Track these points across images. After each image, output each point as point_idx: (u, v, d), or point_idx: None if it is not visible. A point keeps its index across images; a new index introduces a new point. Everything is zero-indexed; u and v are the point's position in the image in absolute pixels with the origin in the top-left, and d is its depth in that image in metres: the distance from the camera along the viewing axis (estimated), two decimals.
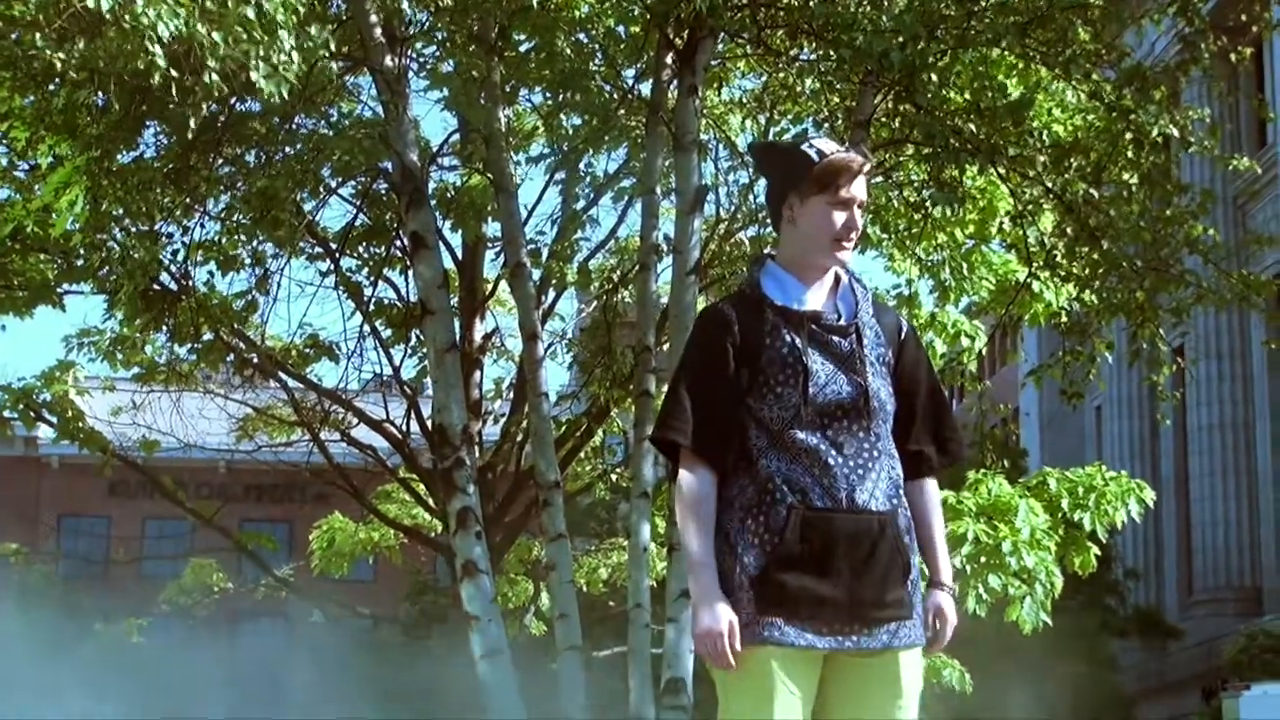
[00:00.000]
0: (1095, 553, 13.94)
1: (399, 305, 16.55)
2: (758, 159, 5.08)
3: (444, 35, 13.08)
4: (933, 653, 4.74)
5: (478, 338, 17.65)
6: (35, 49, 8.30)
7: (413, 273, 13.30)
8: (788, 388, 4.57)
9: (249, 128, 12.64)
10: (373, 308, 16.36)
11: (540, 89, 13.68)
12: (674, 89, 12.43)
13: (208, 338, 15.07)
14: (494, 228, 16.44)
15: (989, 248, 14.12)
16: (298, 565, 22.81)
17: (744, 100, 15.32)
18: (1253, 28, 12.75)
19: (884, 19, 10.83)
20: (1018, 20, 10.94)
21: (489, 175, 13.60)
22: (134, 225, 12.39)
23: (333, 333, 19.62)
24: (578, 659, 12.01)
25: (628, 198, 15.87)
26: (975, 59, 11.29)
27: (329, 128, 13.40)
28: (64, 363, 17.80)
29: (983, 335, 14.69)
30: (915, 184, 13.30)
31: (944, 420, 4.81)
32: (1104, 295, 12.81)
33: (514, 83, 13.35)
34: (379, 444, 18.56)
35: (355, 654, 23.20)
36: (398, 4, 12.14)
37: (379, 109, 13.09)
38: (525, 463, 16.96)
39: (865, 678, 4.58)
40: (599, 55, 13.07)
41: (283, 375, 17.46)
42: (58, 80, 9.84)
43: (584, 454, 19.31)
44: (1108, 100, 11.35)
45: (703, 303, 12.72)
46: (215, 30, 7.77)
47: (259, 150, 13.04)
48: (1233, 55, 12.13)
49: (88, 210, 11.59)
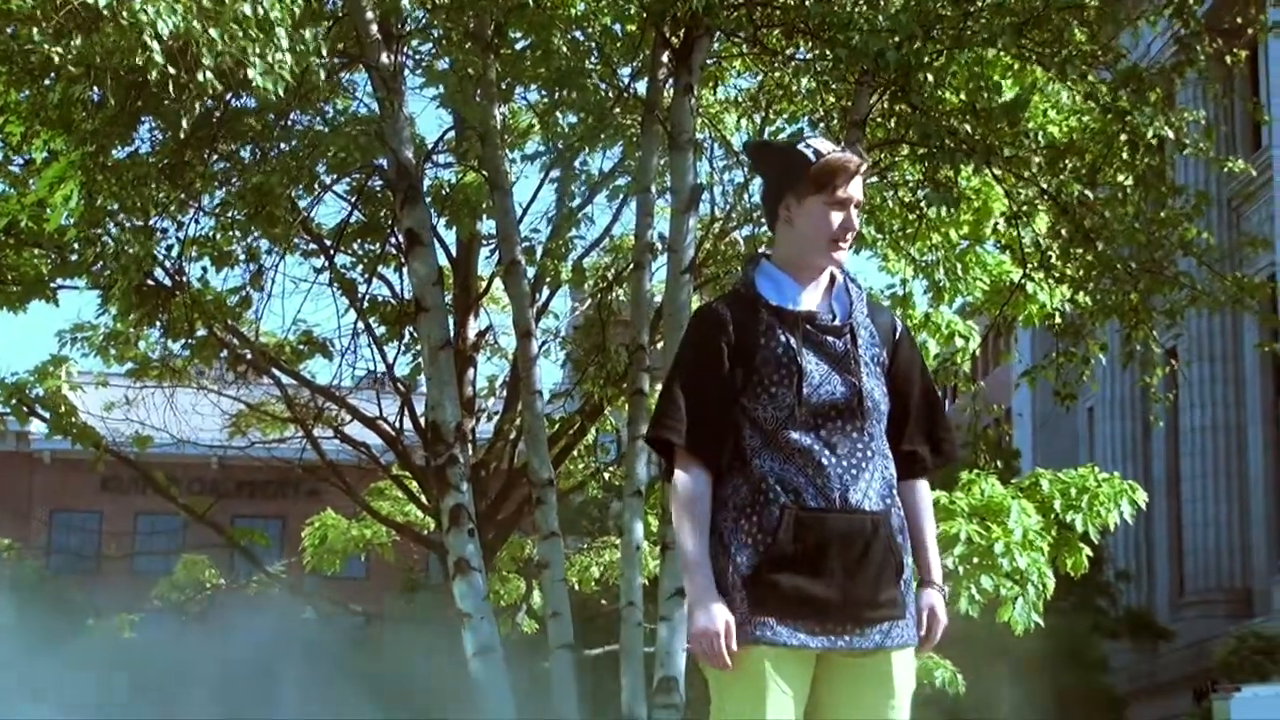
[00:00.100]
0: (1087, 554, 13.94)
1: (393, 302, 16.55)
2: (753, 158, 5.06)
3: (440, 32, 13.07)
4: (923, 652, 4.74)
5: (471, 335, 17.65)
6: (32, 43, 8.29)
7: (407, 270, 13.30)
8: (782, 388, 4.57)
9: (244, 124, 12.62)
10: (367, 305, 16.36)
11: (536, 87, 13.67)
12: (669, 88, 12.43)
13: (201, 333, 15.07)
14: (488, 225, 16.45)
15: (983, 248, 14.11)
16: (290, 562, 22.79)
17: (739, 99, 15.31)
18: (1248, 30, 12.74)
19: (880, 19, 10.82)
20: (1014, 20, 10.93)
21: (484, 172, 13.59)
22: (129, 220, 12.37)
23: (327, 329, 19.71)
24: (570, 657, 12.01)
25: (622, 196, 15.88)
26: (971, 59, 11.28)
27: (324, 124, 13.39)
28: (57, 358, 17.80)
29: (976, 336, 14.68)
30: (910, 184, 13.30)
31: (937, 421, 4.81)
32: (1098, 297, 12.81)
33: (510, 80, 13.36)
34: (372, 441, 18.56)
35: (347, 651, 23.16)
36: (394, 1, 12.12)
37: (374, 106, 13.09)
38: (518, 460, 16.96)
39: (858, 678, 4.58)
40: (595, 53, 13.05)
41: (276, 371, 17.48)
42: (54, 75, 9.82)
43: (577, 452, 19.32)
44: (1103, 101, 11.35)
45: (697, 302, 12.72)
46: (212, 27, 7.76)
47: (254, 146, 13.02)
48: (1228, 57, 12.12)
49: (82, 205, 11.57)
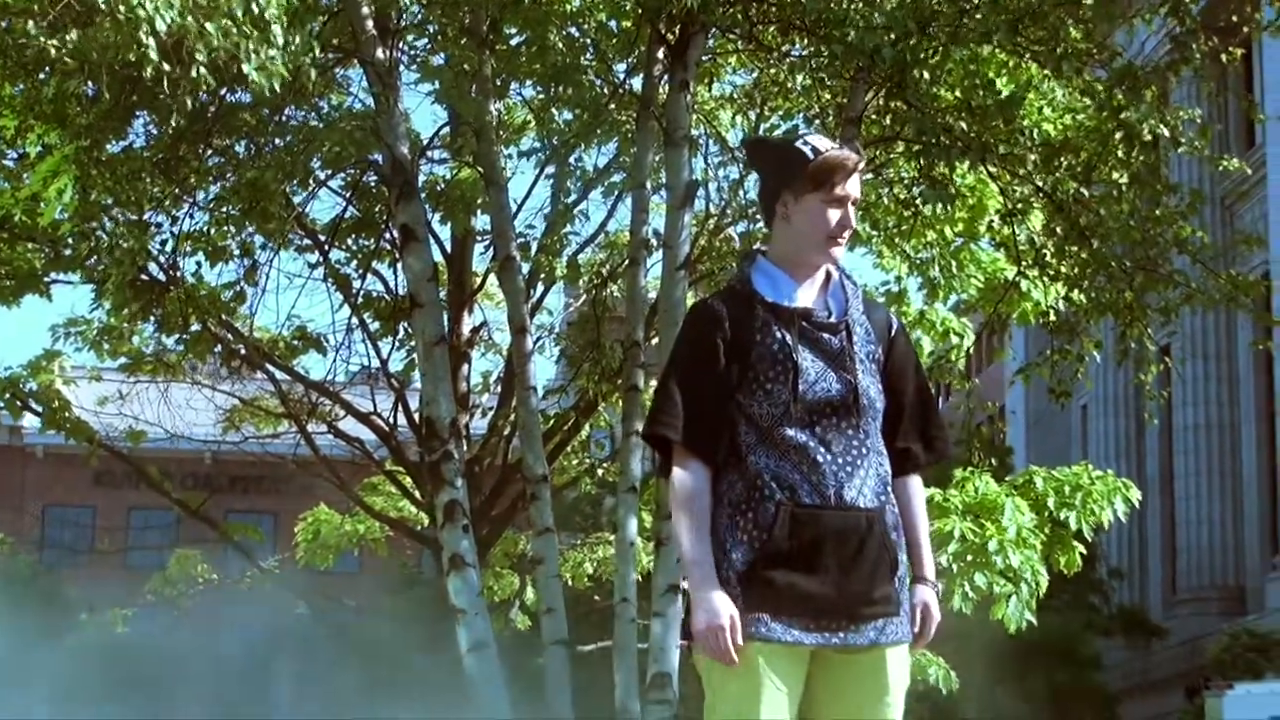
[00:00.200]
0: (1080, 551, 13.95)
1: (387, 298, 16.54)
2: (750, 155, 5.06)
3: (435, 28, 13.07)
4: (917, 649, 4.74)
5: (466, 331, 17.66)
6: (27, 37, 8.27)
7: (402, 265, 13.29)
8: (777, 384, 4.56)
9: (239, 119, 12.61)
10: (361, 300, 16.35)
11: (531, 83, 13.67)
12: (665, 84, 12.43)
13: (195, 328, 15.04)
14: (483, 221, 16.46)
15: (978, 246, 14.11)
16: (283, 557, 22.78)
17: (734, 96, 15.32)
18: (1243, 28, 12.73)
19: (876, 15, 10.81)
20: (1009, 17, 10.93)
21: (479, 168, 13.59)
22: (123, 215, 12.36)
23: (321, 325, 19.69)
24: (564, 653, 12.01)
25: (618, 192, 15.87)
26: (966, 56, 11.28)
27: (319, 120, 13.38)
28: (50, 352, 17.80)
29: (971, 333, 14.67)
30: (905, 181, 13.30)
31: (931, 418, 4.81)
32: (1093, 294, 12.80)
33: (505, 76, 13.35)
34: (366, 436, 18.55)
35: (340, 646, 23.15)
36: None
37: (369, 101, 13.08)
38: (512, 456, 16.97)
39: (852, 674, 4.57)
40: (590, 50, 13.05)
41: (270, 367, 17.46)
42: (48, 69, 9.80)
43: (570, 448, 19.33)
44: (1099, 98, 11.34)
45: (692, 298, 12.71)
46: (208, 22, 7.75)
47: (249, 141, 13.02)
48: (1223, 56, 12.11)
49: (76, 199, 11.55)
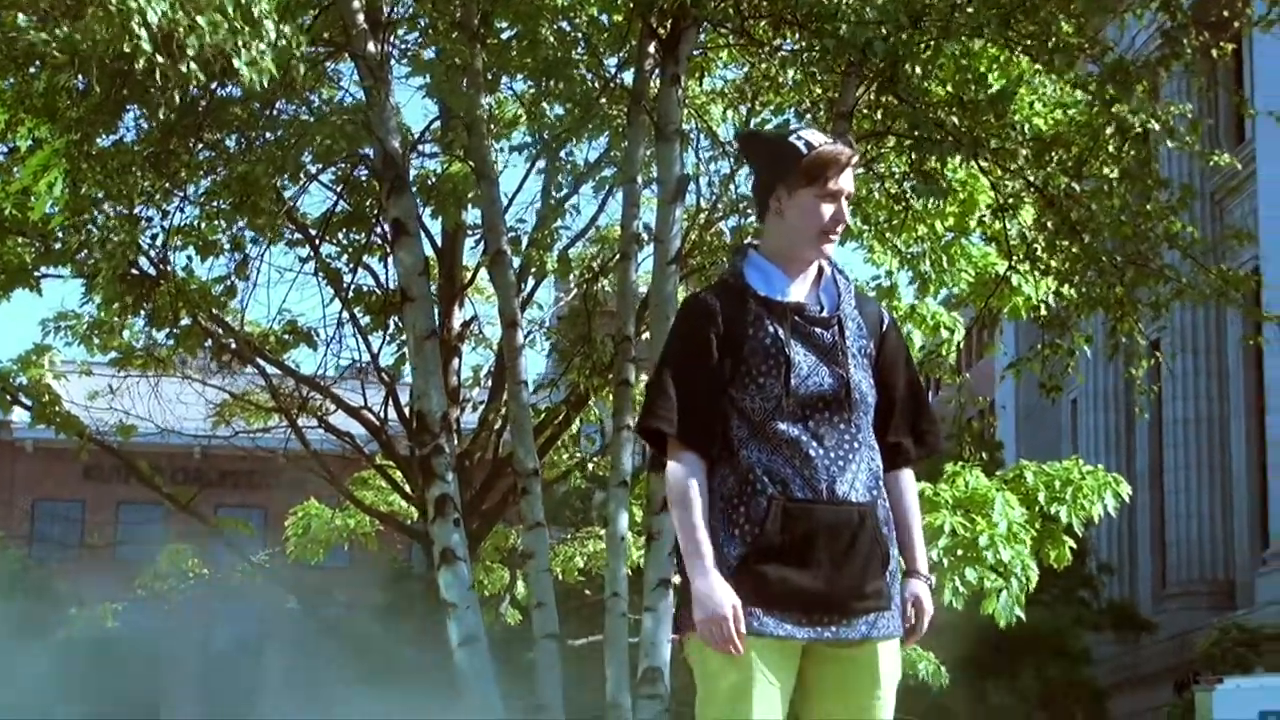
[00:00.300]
0: (1070, 546, 13.97)
1: (378, 292, 16.53)
2: (744, 149, 5.05)
3: (426, 22, 13.05)
4: (910, 643, 4.73)
5: (456, 325, 17.65)
6: (17, 30, 8.25)
7: (393, 259, 13.28)
8: (770, 378, 4.56)
9: (229, 113, 12.59)
10: (352, 294, 16.33)
11: (522, 77, 13.66)
12: (656, 78, 12.41)
13: (186, 322, 15.03)
14: (474, 215, 16.43)
15: (969, 240, 14.11)
16: (273, 552, 22.77)
17: (725, 91, 15.31)
18: (1234, 23, 12.73)
19: (868, 10, 10.81)
20: (1000, 11, 10.93)
21: (470, 162, 13.57)
22: (113, 209, 12.34)
23: (311, 319, 19.65)
24: (555, 647, 12.00)
25: (609, 187, 15.86)
26: (958, 50, 11.27)
27: (310, 114, 13.36)
28: (40, 346, 17.78)
29: (961, 328, 14.68)
30: (896, 176, 13.30)
31: (922, 412, 4.81)
32: (1083, 289, 12.80)
33: (496, 70, 13.33)
34: (356, 431, 18.54)
35: (330, 640, 23.16)
36: None
37: (360, 95, 13.06)
38: (503, 450, 16.96)
39: (844, 669, 4.58)
40: (582, 44, 13.04)
41: (261, 361, 17.45)
42: (39, 63, 9.78)
43: (561, 442, 19.32)
44: (1090, 91, 11.33)
45: (683, 292, 12.71)
46: (199, 16, 7.73)
47: (239, 135, 13.00)
48: (1214, 51, 12.11)
49: (67, 193, 11.53)
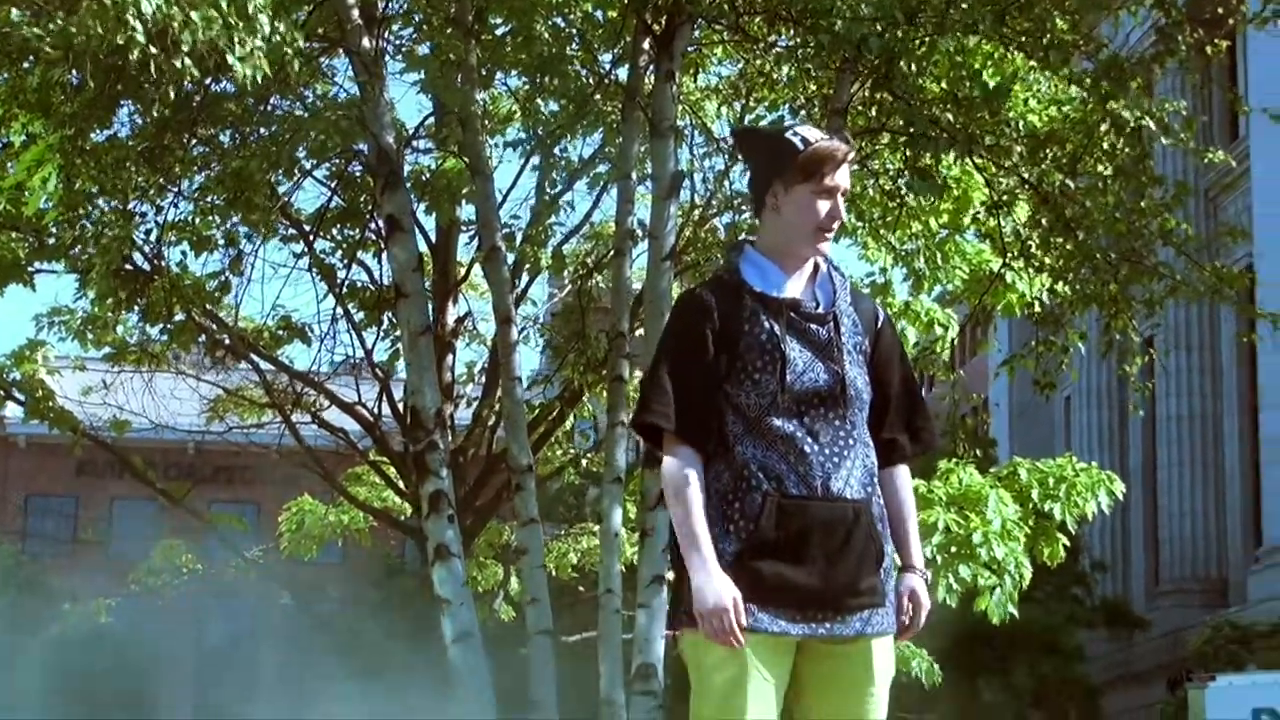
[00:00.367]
0: (1064, 543, 13.98)
1: (372, 288, 16.52)
2: (741, 145, 5.05)
3: (421, 17, 13.04)
4: (907, 637, 4.74)
5: (450, 321, 17.64)
6: (10, 25, 8.23)
7: (387, 255, 13.27)
8: (765, 374, 4.56)
9: (224, 108, 12.58)
10: (346, 290, 16.33)
11: (517, 73, 13.65)
12: (651, 74, 12.41)
13: (180, 318, 15.01)
14: (468, 211, 16.43)
15: (963, 238, 14.11)
16: (267, 547, 22.78)
17: (720, 87, 15.30)
18: (1229, 20, 12.72)
19: (863, 6, 10.80)
20: (995, 7, 10.92)
21: (464, 158, 13.56)
22: (107, 204, 12.33)
23: (305, 315, 19.66)
24: (549, 643, 11.99)
25: (603, 183, 15.86)
26: (954, 47, 11.26)
27: (304, 109, 13.35)
28: (34, 342, 17.75)
29: (955, 325, 14.68)
30: (890, 173, 13.29)
31: (917, 409, 4.82)
32: (1078, 286, 12.80)
33: (490, 66, 13.32)
34: (350, 427, 18.54)
35: (324, 636, 23.17)
36: None
37: (354, 90, 13.05)
38: (497, 446, 16.96)
39: (838, 665, 4.59)
40: (576, 40, 13.03)
41: (255, 357, 17.44)
42: (33, 58, 9.76)
43: (555, 438, 19.32)
44: (1086, 86, 11.32)
45: (677, 289, 12.71)
46: (194, 10, 7.72)
47: (234, 131, 12.99)
48: (1208, 48, 12.10)
49: (61, 188, 11.53)
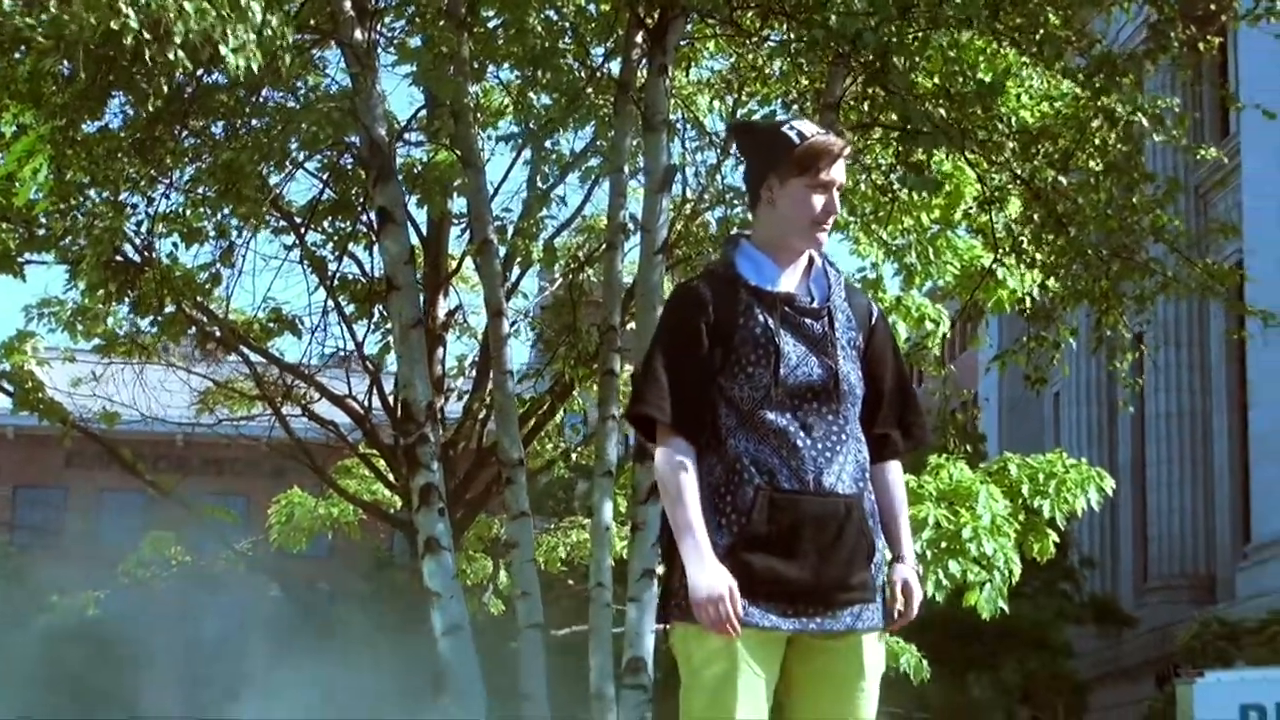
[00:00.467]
0: (1054, 540, 13.98)
1: (363, 280, 16.50)
2: (737, 138, 5.05)
3: (413, 9, 13.02)
4: (899, 627, 4.72)
5: (441, 314, 17.61)
6: (2, 14, 8.20)
7: (379, 248, 13.25)
8: (759, 368, 4.56)
9: (215, 100, 12.57)
10: (337, 283, 16.30)
11: (509, 66, 13.63)
12: (643, 68, 12.40)
13: (170, 310, 14.99)
14: (459, 204, 16.40)
15: (955, 233, 14.11)
16: (256, 540, 22.75)
17: (712, 81, 15.29)
18: (1221, 17, 12.74)
19: (856, 1, 10.79)
20: (989, 2, 10.91)
21: (457, 151, 13.54)
22: (98, 195, 12.31)
23: (296, 307, 19.61)
24: (539, 637, 12.00)
25: (595, 176, 15.84)
26: (947, 42, 11.26)
27: (296, 101, 13.33)
28: (24, 333, 17.70)
29: (947, 320, 14.68)
30: (882, 167, 13.29)
31: (909, 405, 4.82)
32: (1069, 282, 12.81)
33: (483, 59, 13.30)
34: (340, 419, 18.51)
35: (312, 629, 23.15)
36: None
37: (346, 82, 13.03)
38: (487, 440, 16.94)
39: (829, 660, 4.59)
40: (569, 33, 13.02)
41: (245, 349, 17.41)
42: (24, 48, 9.74)
43: (545, 432, 19.30)
44: (1080, 80, 11.32)
45: (669, 282, 12.71)
46: (186, 1, 7.71)
47: (225, 122, 12.97)
48: (1201, 44, 12.12)
49: (51, 179, 11.49)
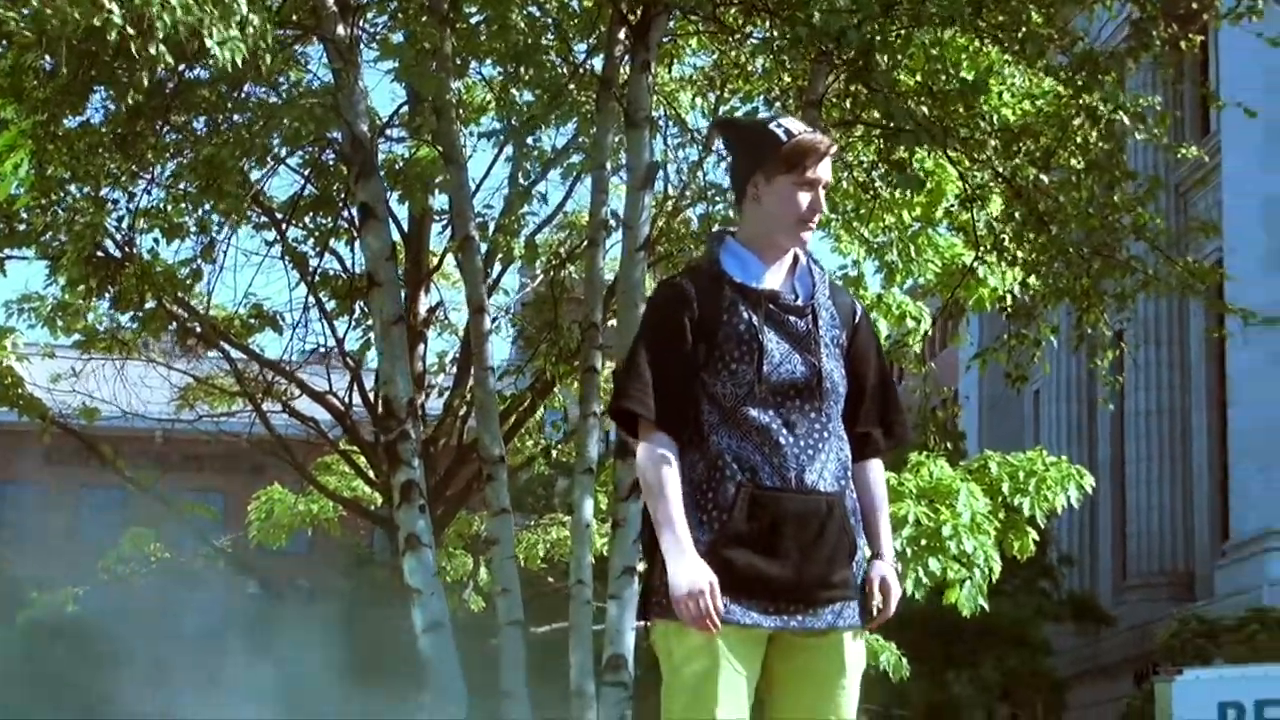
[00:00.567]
0: (1033, 537, 14.02)
1: (344, 277, 16.49)
2: (722, 134, 5.01)
3: (396, 5, 13.00)
4: (878, 624, 4.72)
5: (422, 311, 17.61)
6: None
7: (360, 244, 13.24)
8: (743, 365, 4.56)
9: (197, 95, 12.54)
10: (318, 279, 16.29)
11: (492, 62, 13.61)
12: (626, 65, 12.39)
13: (151, 305, 14.96)
14: (441, 200, 16.40)
15: (936, 230, 14.12)
16: (235, 536, 22.71)
17: (694, 78, 15.29)
18: (1202, 15, 12.75)
19: None
20: (972, 0, 10.91)
21: (439, 147, 13.53)
22: (80, 190, 12.28)
23: (277, 303, 19.60)
24: (519, 634, 12.00)
25: (577, 173, 15.84)
26: (930, 40, 11.26)
27: (278, 97, 13.30)
28: (3, 329, 17.64)
29: (928, 318, 14.70)
30: (864, 165, 13.30)
31: (891, 403, 4.82)
32: (1050, 280, 12.83)
33: (465, 55, 13.29)
34: (321, 415, 18.49)
35: (293, 626, 23.09)
36: None
37: (328, 78, 13.01)
38: (468, 437, 16.94)
39: (810, 658, 4.58)
40: (552, 29, 13.01)
41: (225, 345, 17.39)
42: (5, 42, 9.71)
43: (526, 429, 19.31)
44: (1062, 78, 11.33)
45: (651, 279, 12.71)
46: None
47: (207, 118, 12.95)
48: (1183, 43, 12.13)
49: (32, 174, 11.45)
